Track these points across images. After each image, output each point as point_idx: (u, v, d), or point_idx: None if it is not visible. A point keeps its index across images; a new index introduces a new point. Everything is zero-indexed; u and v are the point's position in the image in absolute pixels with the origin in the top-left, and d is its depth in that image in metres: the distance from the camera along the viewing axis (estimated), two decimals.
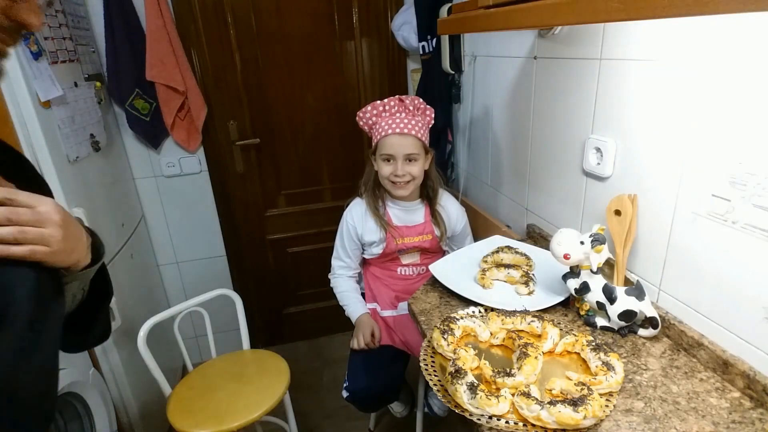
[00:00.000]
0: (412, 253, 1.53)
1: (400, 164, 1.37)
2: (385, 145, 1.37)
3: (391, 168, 1.39)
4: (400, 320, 1.50)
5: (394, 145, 1.36)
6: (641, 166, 0.96)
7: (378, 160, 1.42)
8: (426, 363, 0.89)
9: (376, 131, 1.40)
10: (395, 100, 1.38)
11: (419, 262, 1.55)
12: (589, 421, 0.71)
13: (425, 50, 1.78)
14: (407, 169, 1.38)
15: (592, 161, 1.08)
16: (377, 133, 1.39)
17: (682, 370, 0.84)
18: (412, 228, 1.49)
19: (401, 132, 1.35)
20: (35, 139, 1.26)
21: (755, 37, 0.69)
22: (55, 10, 1.45)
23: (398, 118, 1.37)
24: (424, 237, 1.49)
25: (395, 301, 1.54)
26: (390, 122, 1.37)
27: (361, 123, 1.44)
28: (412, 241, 1.49)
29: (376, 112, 1.39)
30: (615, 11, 0.52)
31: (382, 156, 1.39)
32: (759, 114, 0.70)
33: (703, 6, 0.42)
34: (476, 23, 0.91)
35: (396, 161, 1.37)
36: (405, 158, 1.37)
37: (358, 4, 2.02)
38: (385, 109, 1.38)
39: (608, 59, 1.00)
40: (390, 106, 1.38)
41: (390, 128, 1.36)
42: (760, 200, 0.71)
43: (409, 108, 1.38)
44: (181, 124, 1.93)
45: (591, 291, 0.95)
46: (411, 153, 1.37)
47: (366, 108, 1.40)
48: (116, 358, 1.54)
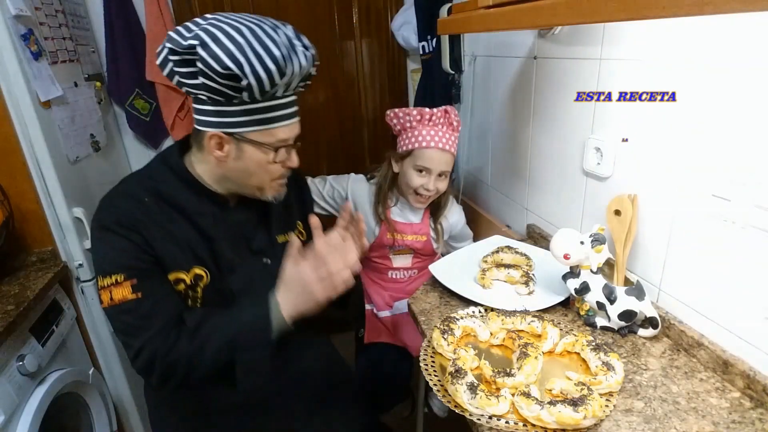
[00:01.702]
0: (404, 254, 1.52)
1: (433, 179, 1.34)
2: (423, 156, 1.32)
3: (424, 180, 1.34)
4: (396, 320, 1.51)
5: (433, 159, 1.32)
6: (641, 166, 0.96)
7: (407, 166, 1.36)
8: (426, 363, 0.89)
9: (413, 137, 1.33)
10: (442, 111, 1.32)
11: (410, 265, 1.53)
12: (589, 421, 0.71)
13: (425, 50, 1.78)
14: (437, 185, 1.36)
15: (592, 161, 1.08)
16: (415, 140, 1.32)
17: (682, 370, 0.84)
18: (407, 225, 1.47)
19: (443, 148, 1.31)
20: (35, 139, 1.27)
21: (755, 36, 0.69)
22: (55, 10, 1.45)
23: (441, 132, 1.32)
24: (418, 237, 1.48)
25: (390, 300, 1.54)
26: (432, 134, 1.31)
27: (394, 122, 1.37)
28: (405, 238, 1.46)
29: (420, 117, 1.32)
30: (615, 11, 0.52)
31: (417, 166, 1.34)
32: (759, 114, 0.70)
33: (703, 6, 0.42)
34: (476, 23, 0.91)
35: (431, 175, 1.34)
36: (437, 174, 1.35)
37: (358, 4, 2.02)
38: (431, 119, 1.31)
39: (608, 59, 1.00)
40: (436, 116, 1.31)
41: (432, 141, 1.30)
42: (760, 200, 0.71)
43: (453, 123, 1.33)
44: (181, 124, 1.93)
45: (591, 291, 0.95)
46: (446, 170, 1.35)
47: (408, 110, 1.34)
48: (116, 358, 1.54)
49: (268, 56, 0.74)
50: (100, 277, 0.82)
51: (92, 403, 1.38)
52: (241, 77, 0.74)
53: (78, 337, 1.41)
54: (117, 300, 0.81)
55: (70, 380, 1.26)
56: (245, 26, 0.75)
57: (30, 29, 1.26)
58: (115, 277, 0.81)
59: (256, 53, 0.74)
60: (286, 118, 0.86)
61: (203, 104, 0.81)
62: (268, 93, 0.79)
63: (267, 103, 0.81)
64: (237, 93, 0.77)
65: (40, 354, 1.16)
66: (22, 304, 1.11)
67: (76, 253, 1.40)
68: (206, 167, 0.89)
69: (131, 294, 0.81)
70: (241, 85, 0.75)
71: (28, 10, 1.25)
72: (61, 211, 1.35)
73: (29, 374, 1.10)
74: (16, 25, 1.21)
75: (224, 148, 0.83)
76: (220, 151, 0.84)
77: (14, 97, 1.22)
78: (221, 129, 0.81)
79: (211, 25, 0.75)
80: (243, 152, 0.84)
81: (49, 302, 1.26)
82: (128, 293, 0.81)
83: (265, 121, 0.82)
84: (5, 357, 1.05)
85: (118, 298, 0.81)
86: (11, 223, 1.23)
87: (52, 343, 1.22)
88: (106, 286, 0.81)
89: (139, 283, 0.81)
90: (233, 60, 0.73)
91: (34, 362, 1.11)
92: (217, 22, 0.76)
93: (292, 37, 0.80)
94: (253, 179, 0.88)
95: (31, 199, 1.30)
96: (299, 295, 0.82)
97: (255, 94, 0.77)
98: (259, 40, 0.75)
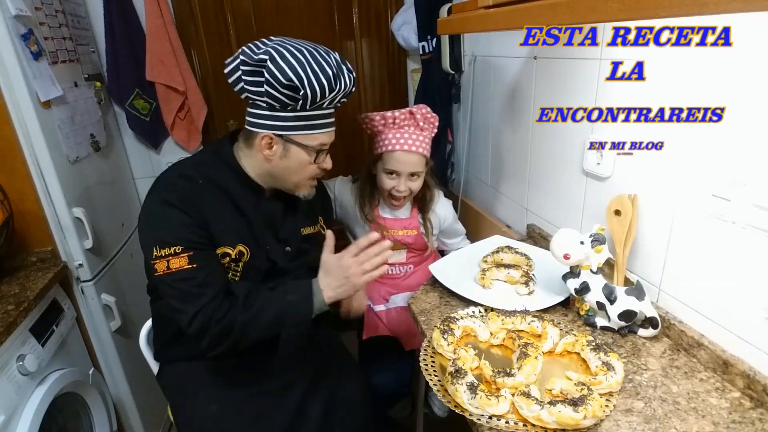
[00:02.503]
0: (398, 250, 1.52)
1: (403, 181, 1.36)
2: (390, 160, 1.34)
3: (394, 183, 1.37)
4: (392, 314, 1.51)
5: (399, 161, 1.33)
6: (641, 166, 0.96)
7: (379, 170, 1.39)
8: (426, 363, 0.89)
9: (381, 141, 1.35)
10: (406, 114, 1.32)
11: (405, 260, 1.54)
12: (589, 421, 0.71)
13: (425, 50, 1.78)
14: (409, 185, 1.37)
15: (592, 161, 1.08)
16: (382, 144, 1.35)
17: (682, 370, 0.84)
18: (396, 221, 1.49)
19: (408, 149, 1.32)
20: (35, 139, 1.27)
21: (754, 35, 0.69)
22: (55, 10, 1.45)
23: (407, 133, 1.33)
24: (409, 232, 1.49)
25: (386, 295, 1.54)
26: (398, 137, 1.32)
27: (365, 126, 1.40)
28: (396, 234, 1.48)
29: (384, 122, 1.34)
30: (615, 11, 0.52)
31: (386, 170, 1.36)
32: (759, 114, 0.70)
33: (703, 6, 0.42)
34: (476, 23, 0.91)
35: (399, 177, 1.36)
36: (408, 175, 1.36)
37: (358, 4, 2.02)
38: (394, 122, 1.33)
39: (608, 59, 1.00)
40: (400, 119, 1.32)
41: (398, 143, 1.32)
42: (760, 200, 0.71)
43: (419, 123, 1.33)
44: (181, 124, 1.93)
45: (591, 291, 0.95)
46: (415, 171, 1.36)
47: (373, 116, 1.35)
48: (116, 358, 1.54)
49: (323, 74, 0.91)
50: (157, 248, 0.92)
51: (92, 403, 1.38)
52: (301, 89, 0.90)
53: (78, 337, 1.41)
54: (174, 268, 0.92)
55: (70, 380, 1.26)
56: (306, 49, 0.92)
57: (30, 29, 1.26)
58: (174, 248, 0.92)
59: (314, 71, 0.90)
60: (328, 126, 1.02)
61: (260, 109, 0.96)
62: (317, 104, 0.95)
63: (314, 112, 0.97)
64: (293, 102, 0.93)
65: (40, 354, 1.16)
66: (22, 304, 1.11)
67: (76, 253, 1.40)
68: (252, 162, 1.03)
69: (188, 264, 0.92)
70: (299, 96, 0.91)
71: (28, 10, 1.26)
72: (61, 211, 1.35)
73: (29, 374, 1.10)
74: (16, 25, 1.21)
75: (273, 148, 0.98)
76: (269, 150, 0.98)
77: (14, 97, 1.22)
78: (273, 131, 0.97)
79: (279, 45, 0.92)
80: (289, 152, 0.99)
81: (49, 302, 1.26)
82: (185, 263, 0.92)
83: (311, 127, 0.98)
84: (5, 357, 1.05)
85: (175, 266, 0.92)
86: (11, 223, 1.23)
87: (52, 343, 1.22)
88: (164, 256, 0.92)
89: (195, 255, 0.93)
90: (296, 74, 0.89)
91: (34, 362, 1.11)
92: (283, 42, 0.93)
93: (340, 62, 0.97)
94: (293, 176, 1.03)
95: (31, 199, 1.30)
96: (339, 281, 0.97)
97: (308, 104, 0.93)
98: (317, 60, 0.91)
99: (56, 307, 1.30)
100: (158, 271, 0.92)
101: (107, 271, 1.56)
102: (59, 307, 1.31)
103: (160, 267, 0.92)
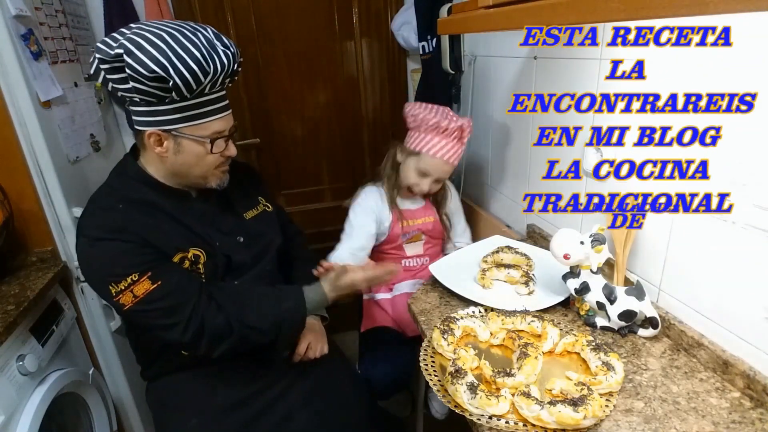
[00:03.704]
0: (416, 242, 1.54)
1: (430, 182, 1.42)
2: (428, 162, 1.38)
3: (420, 182, 1.41)
4: (396, 301, 1.52)
5: (437, 167, 1.39)
6: (642, 165, 0.96)
7: (410, 163, 1.41)
8: (426, 363, 0.89)
9: (424, 140, 1.37)
10: (458, 128, 1.35)
11: (422, 252, 1.56)
12: (589, 421, 0.71)
13: (425, 50, 1.78)
14: (432, 187, 1.44)
15: (592, 161, 1.08)
16: (425, 145, 1.37)
17: (682, 370, 0.84)
18: (414, 211, 1.53)
19: (448, 160, 1.38)
20: (35, 139, 1.26)
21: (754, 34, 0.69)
22: (55, 10, 1.45)
23: (451, 145, 1.37)
24: (426, 219, 1.54)
25: (391, 284, 1.55)
26: (443, 144, 1.36)
27: (410, 118, 1.40)
28: (416, 223, 1.52)
29: (436, 126, 1.34)
30: (615, 11, 0.52)
31: (419, 169, 1.40)
32: (759, 113, 0.70)
33: (703, 6, 0.42)
34: (476, 23, 0.91)
35: (428, 179, 1.41)
36: (436, 179, 1.42)
37: (358, 4, 2.02)
38: (446, 130, 1.34)
39: (608, 59, 1.00)
40: (451, 128, 1.34)
41: (440, 152, 1.36)
42: (760, 200, 0.71)
43: (464, 139, 1.38)
44: None
45: (591, 291, 0.95)
46: (443, 178, 1.44)
47: (428, 111, 1.36)
48: (116, 358, 1.54)
49: (190, 57, 0.83)
50: (112, 285, 0.86)
51: (92, 403, 1.38)
52: (168, 79, 0.82)
53: (78, 337, 1.41)
54: (141, 294, 0.86)
55: (70, 380, 1.25)
56: (165, 32, 0.83)
57: (30, 29, 1.26)
58: (129, 278, 0.86)
59: (178, 55, 0.82)
60: (218, 111, 0.93)
61: (138, 105, 0.89)
62: (195, 90, 0.87)
63: (197, 99, 0.89)
64: (167, 93, 0.85)
65: (40, 354, 1.16)
66: (22, 304, 1.11)
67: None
68: (154, 166, 0.98)
69: (152, 284, 0.86)
70: (169, 86, 0.83)
71: (28, 10, 1.25)
72: (61, 211, 1.35)
73: (29, 374, 1.10)
74: (16, 25, 1.21)
75: (164, 144, 0.92)
76: (160, 147, 0.92)
77: (14, 97, 1.22)
78: (158, 127, 0.89)
79: (135, 34, 0.83)
80: (181, 146, 0.92)
81: (49, 302, 1.26)
82: (149, 285, 0.87)
83: (198, 116, 0.90)
84: (5, 357, 1.05)
85: (141, 292, 0.86)
86: (11, 223, 1.23)
87: (52, 343, 1.22)
88: (124, 288, 0.86)
89: (154, 273, 0.87)
90: (158, 64, 0.81)
91: (34, 362, 1.11)
92: (140, 30, 0.84)
93: (212, 39, 0.88)
94: (195, 170, 0.97)
95: (31, 199, 1.30)
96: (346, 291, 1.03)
97: (183, 92, 0.85)
98: (180, 43, 0.83)
99: (56, 307, 1.30)
100: (127, 304, 0.87)
101: None
102: (59, 307, 1.31)
103: (126, 300, 0.87)
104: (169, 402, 1.08)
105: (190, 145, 0.92)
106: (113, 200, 0.93)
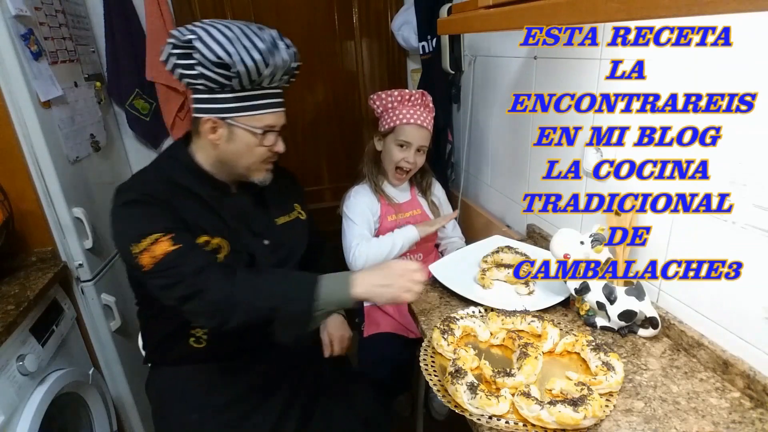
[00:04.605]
0: None
1: (413, 153, 1.47)
2: (404, 131, 1.45)
3: (405, 154, 1.47)
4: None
5: (413, 134, 1.45)
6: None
7: (390, 143, 1.48)
8: (426, 363, 0.89)
9: (393, 116, 1.46)
10: (419, 94, 1.47)
11: (415, 248, 1.56)
12: (589, 421, 0.71)
13: (425, 50, 1.78)
14: (417, 159, 1.49)
15: (592, 161, 1.08)
16: (395, 118, 1.45)
17: (682, 370, 0.84)
18: (401, 205, 1.58)
19: (421, 124, 1.45)
20: (35, 139, 1.27)
21: (754, 34, 0.69)
22: (55, 10, 1.45)
23: (419, 110, 1.46)
24: (414, 212, 1.59)
25: None
26: (412, 112, 1.45)
27: (377, 104, 1.49)
28: (404, 216, 1.56)
29: (400, 98, 1.46)
30: (615, 11, 0.52)
31: (398, 141, 1.46)
32: (759, 113, 0.70)
33: (703, 6, 0.42)
34: (476, 23, 0.91)
35: (410, 149, 1.47)
36: (417, 148, 1.47)
37: (358, 4, 2.02)
38: (409, 99, 1.46)
39: (608, 59, 1.00)
40: (414, 97, 1.46)
41: (412, 118, 1.44)
42: (760, 200, 0.71)
43: (429, 105, 1.49)
44: (181, 124, 1.93)
45: (591, 291, 0.95)
46: (423, 145, 1.48)
47: (390, 91, 1.47)
48: (116, 358, 1.54)
49: (254, 48, 0.88)
50: (134, 244, 0.87)
51: (92, 403, 1.38)
52: (232, 66, 0.86)
53: (78, 337, 1.41)
54: (159, 255, 0.86)
55: (70, 380, 1.25)
56: (235, 26, 0.90)
57: (30, 29, 1.26)
58: (152, 237, 0.87)
59: (243, 45, 0.87)
60: (273, 106, 0.97)
61: (200, 93, 0.93)
62: (255, 81, 0.91)
63: (255, 91, 0.94)
64: (228, 81, 0.89)
65: (40, 354, 1.16)
66: (22, 304, 1.11)
67: (76, 253, 1.40)
68: (204, 153, 1.00)
69: (173, 245, 0.87)
70: (232, 73, 0.87)
71: (28, 10, 1.25)
72: (61, 211, 1.35)
73: (29, 374, 1.10)
74: (16, 25, 1.21)
75: (217, 132, 0.95)
76: (214, 135, 0.95)
77: (14, 97, 1.22)
78: (215, 114, 0.93)
79: (208, 24, 0.89)
80: (234, 135, 0.95)
81: (49, 302, 1.26)
82: (170, 245, 0.87)
83: (254, 108, 0.94)
84: (5, 357, 1.05)
85: (159, 252, 0.86)
86: (11, 223, 1.23)
87: (52, 343, 1.22)
88: (145, 247, 0.86)
89: (177, 237, 0.88)
90: (224, 50, 0.86)
91: (34, 362, 1.11)
92: (212, 22, 0.90)
93: (275, 37, 0.93)
94: (242, 160, 0.99)
95: (31, 200, 1.30)
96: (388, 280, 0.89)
97: (243, 81, 0.89)
98: (246, 36, 0.88)
99: (56, 307, 1.30)
100: (145, 266, 0.86)
101: (107, 271, 1.56)
102: (59, 307, 1.31)
103: (145, 260, 0.86)
104: (169, 395, 1.09)
105: (242, 134, 0.96)
106: (157, 178, 0.97)
